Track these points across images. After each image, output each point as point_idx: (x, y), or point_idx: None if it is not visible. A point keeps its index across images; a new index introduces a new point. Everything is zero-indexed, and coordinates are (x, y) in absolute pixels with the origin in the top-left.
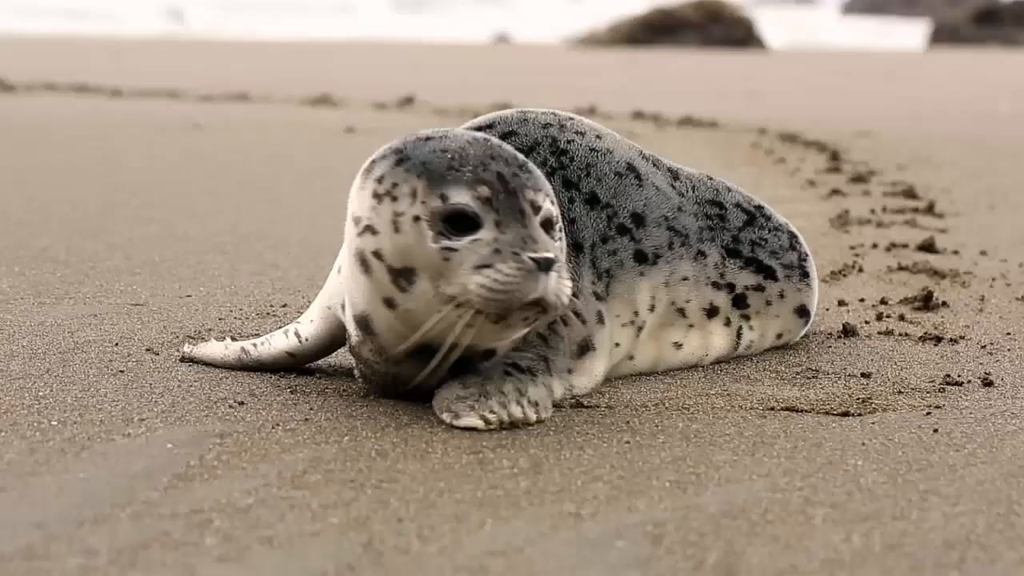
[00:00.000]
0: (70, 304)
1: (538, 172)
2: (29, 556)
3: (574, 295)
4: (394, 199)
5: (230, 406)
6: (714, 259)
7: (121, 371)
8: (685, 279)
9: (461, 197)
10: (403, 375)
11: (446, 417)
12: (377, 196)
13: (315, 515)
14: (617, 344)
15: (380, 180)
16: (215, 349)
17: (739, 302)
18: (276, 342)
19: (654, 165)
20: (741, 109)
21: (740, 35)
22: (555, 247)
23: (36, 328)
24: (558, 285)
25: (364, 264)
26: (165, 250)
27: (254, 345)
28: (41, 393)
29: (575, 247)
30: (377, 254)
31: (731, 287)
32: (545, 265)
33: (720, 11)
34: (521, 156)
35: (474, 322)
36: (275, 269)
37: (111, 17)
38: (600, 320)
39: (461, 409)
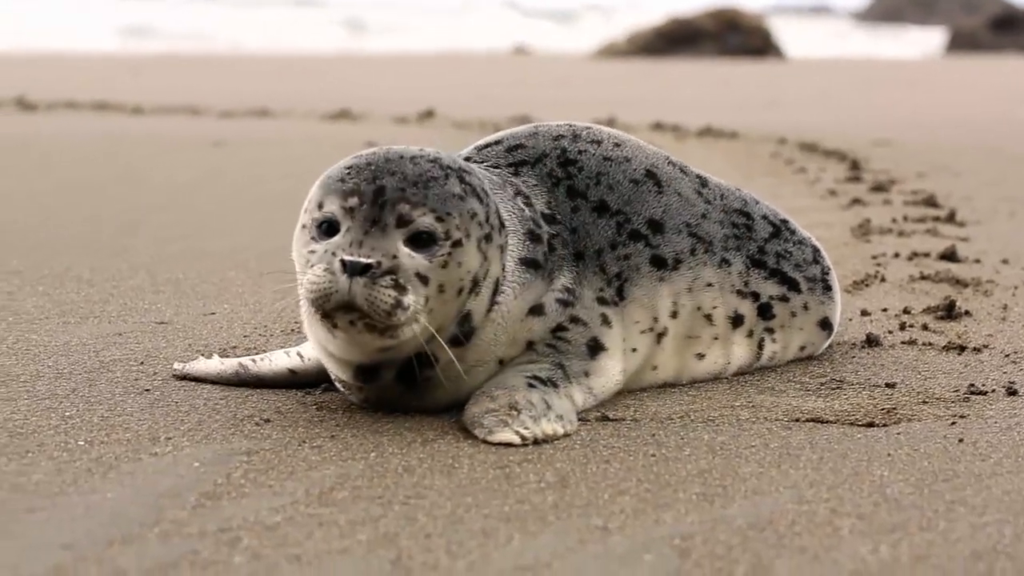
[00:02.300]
0: (95, 323)
1: (443, 191)
2: None
3: (567, 302)
4: (305, 211)
5: (256, 424)
6: (738, 268)
7: (147, 390)
8: (710, 285)
9: (332, 206)
10: (371, 398)
11: (479, 432)
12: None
13: (343, 532)
14: (634, 349)
15: (308, 199)
16: (210, 365)
17: (764, 312)
18: (277, 360)
19: (681, 171)
20: (760, 119)
21: (757, 44)
22: (393, 259)
23: (61, 348)
24: (369, 291)
25: None
26: (188, 268)
27: (253, 361)
28: (68, 413)
29: (576, 256)
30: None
31: (756, 296)
32: (350, 268)
33: (737, 20)
34: (435, 174)
35: (333, 332)
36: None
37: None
38: (606, 322)
39: (493, 424)
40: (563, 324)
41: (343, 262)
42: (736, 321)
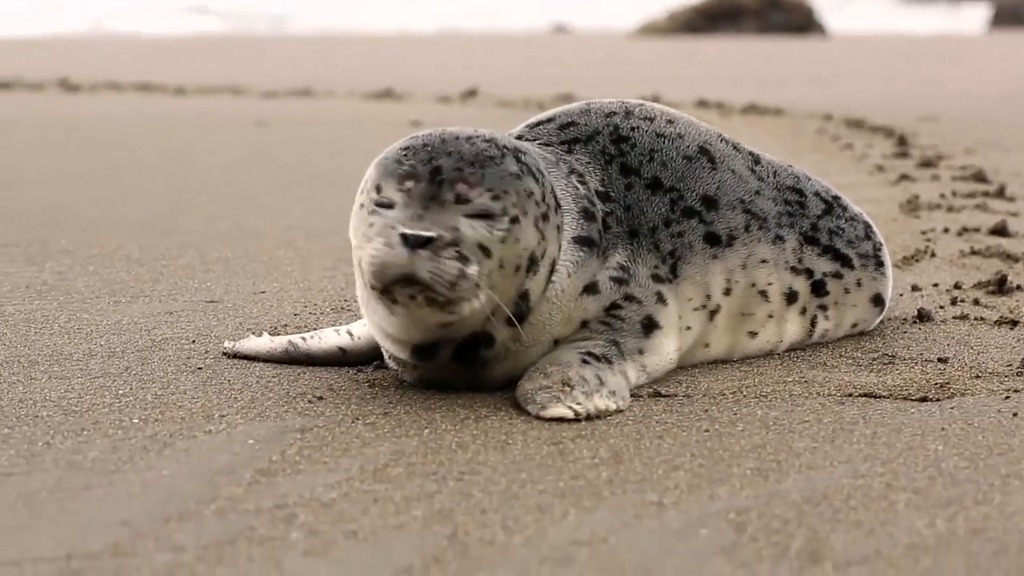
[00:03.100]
0: (145, 302)
1: (500, 170)
2: (116, 553)
3: (622, 280)
4: (362, 192)
5: (309, 401)
6: (792, 244)
7: (199, 368)
8: (764, 262)
9: (389, 189)
10: (425, 377)
11: (532, 408)
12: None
13: (399, 508)
14: (688, 327)
15: (364, 179)
16: (260, 343)
17: (818, 289)
18: (327, 337)
19: (734, 148)
20: (805, 95)
21: (800, 21)
22: (455, 231)
23: (113, 327)
24: (433, 263)
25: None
26: (237, 246)
27: (303, 339)
28: (121, 391)
29: (631, 233)
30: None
31: (810, 273)
32: (412, 241)
33: None
34: (492, 153)
35: (392, 309)
36: (347, 264)
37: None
38: (661, 300)
39: (546, 400)
40: (617, 302)
41: (403, 235)
42: (790, 298)
